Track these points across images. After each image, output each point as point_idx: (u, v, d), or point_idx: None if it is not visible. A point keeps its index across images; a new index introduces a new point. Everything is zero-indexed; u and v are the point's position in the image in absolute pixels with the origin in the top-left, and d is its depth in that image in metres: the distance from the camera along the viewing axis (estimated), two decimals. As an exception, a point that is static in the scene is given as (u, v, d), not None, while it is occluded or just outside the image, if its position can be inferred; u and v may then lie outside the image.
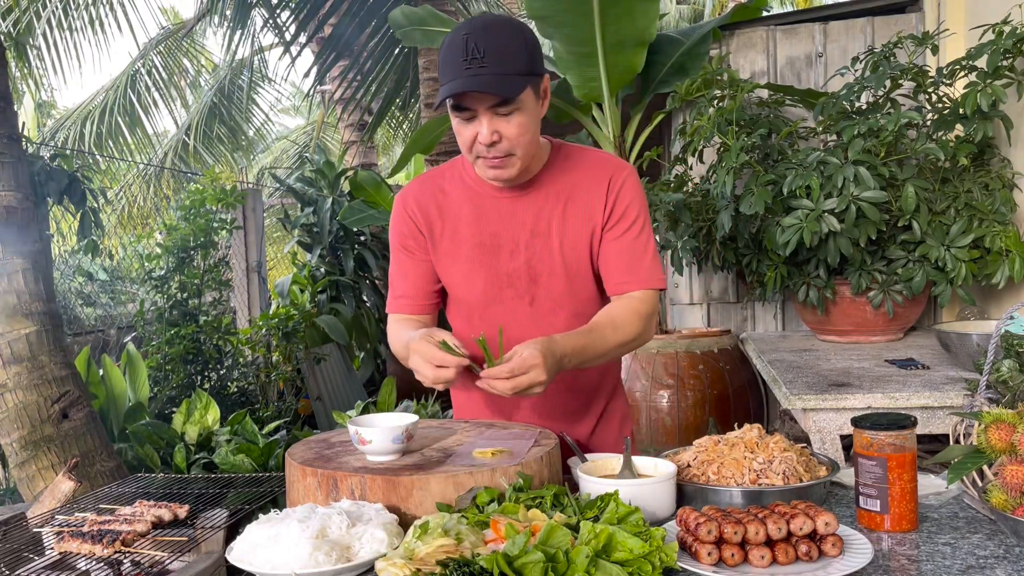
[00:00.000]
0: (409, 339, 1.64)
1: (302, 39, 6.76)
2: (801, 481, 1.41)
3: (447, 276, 1.80)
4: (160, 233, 6.07)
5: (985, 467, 1.37)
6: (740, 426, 1.54)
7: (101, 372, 5.03)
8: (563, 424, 1.80)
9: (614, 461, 1.50)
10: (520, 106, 1.58)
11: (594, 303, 1.80)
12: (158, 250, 5.64)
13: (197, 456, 4.15)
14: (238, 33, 6.45)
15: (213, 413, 4.40)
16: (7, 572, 1.35)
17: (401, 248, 1.82)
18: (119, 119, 10.28)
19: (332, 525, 1.25)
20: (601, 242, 1.75)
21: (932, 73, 3.31)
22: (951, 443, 1.54)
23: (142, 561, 1.37)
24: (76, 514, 1.59)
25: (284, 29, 6.31)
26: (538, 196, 1.74)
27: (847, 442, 2.47)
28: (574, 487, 1.43)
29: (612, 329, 1.67)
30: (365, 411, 4.62)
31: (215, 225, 5.67)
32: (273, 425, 4.61)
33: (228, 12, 6.37)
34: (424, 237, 1.78)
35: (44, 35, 8.81)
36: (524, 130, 1.60)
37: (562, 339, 1.58)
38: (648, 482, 1.39)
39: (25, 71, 9.09)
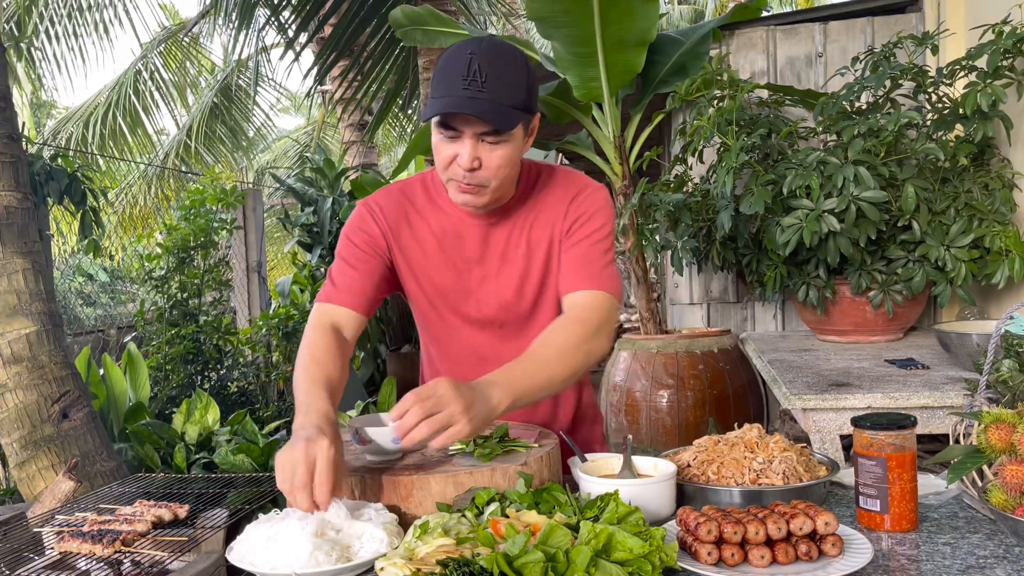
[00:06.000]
0: (312, 394, 1.44)
1: (302, 39, 6.76)
2: (801, 481, 1.41)
3: (414, 293, 1.76)
4: (160, 233, 6.07)
5: (985, 467, 1.37)
6: (740, 426, 1.54)
7: (101, 372, 5.03)
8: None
9: (614, 461, 1.50)
10: (507, 139, 1.54)
11: None
12: (158, 250, 5.65)
13: (197, 456, 4.16)
14: (242, 34, 6.45)
15: (213, 413, 4.41)
16: (7, 572, 1.35)
17: (355, 246, 1.71)
18: (120, 120, 10.29)
19: (332, 525, 1.25)
20: (560, 251, 1.70)
21: (932, 73, 3.31)
22: (951, 443, 1.54)
23: (142, 561, 1.37)
24: (76, 514, 1.59)
25: (287, 27, 6.31)
26: (508, 222, 1.71)
27: (847, 442, 2.47)
28: (574, 487, 1.43)
29: (544, 347, 1.53)
30: (365, 411, 4.62)
31: (215, 225, 5.68)
32: (273, 425, 4.61)
33: (233, 12, 6.37)
34: (386, 245, 1.72)
35: (45, 36, 8.81)
36: (505, 163, 1.56)
37: (486, 377, 1.46)
38: (648, 482, 1.39)
39: (27, 70, 9.09)
